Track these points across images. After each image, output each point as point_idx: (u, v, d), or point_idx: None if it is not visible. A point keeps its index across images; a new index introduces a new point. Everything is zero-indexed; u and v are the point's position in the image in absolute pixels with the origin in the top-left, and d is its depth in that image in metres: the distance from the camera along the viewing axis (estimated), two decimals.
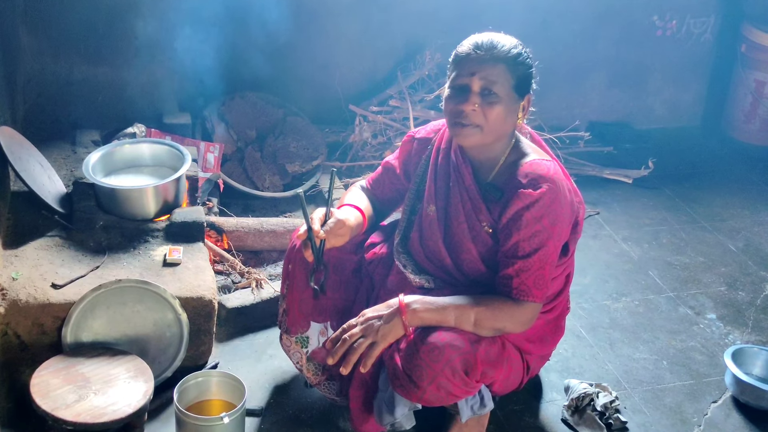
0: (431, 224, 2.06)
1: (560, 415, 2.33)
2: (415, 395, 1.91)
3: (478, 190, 2.00)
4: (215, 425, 1.95)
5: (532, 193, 1.90)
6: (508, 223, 1.93)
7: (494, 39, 1.94)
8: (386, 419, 2.00)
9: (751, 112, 4.00)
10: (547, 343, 2.16)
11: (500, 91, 1.90)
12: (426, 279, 2.06)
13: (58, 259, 2.31)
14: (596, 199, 3.56)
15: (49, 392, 2.00)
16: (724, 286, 3.01)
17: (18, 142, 2.52)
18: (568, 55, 3.97)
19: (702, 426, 2.33)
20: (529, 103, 1.99)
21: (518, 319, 1.94)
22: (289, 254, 2.16)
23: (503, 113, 1.91)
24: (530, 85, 1.98)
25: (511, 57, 1.92)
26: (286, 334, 2.18)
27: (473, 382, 1.93)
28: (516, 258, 1.91)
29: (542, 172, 1.92)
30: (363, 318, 1.89)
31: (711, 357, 2.61)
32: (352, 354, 1.85)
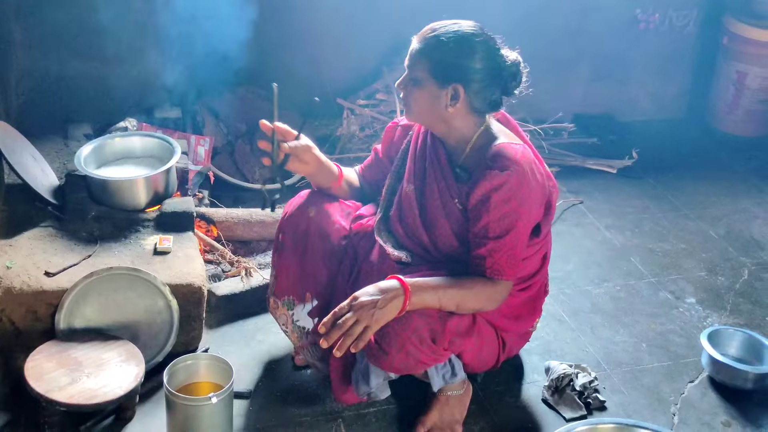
0: (409, 202, 2.13)
1: (541, 395, 2.39)
2: (385, 363, 1.98)
3: (450, 170, 2.07)
4: (204, 405, 2.01)
5: (499, 174, 1.96)
6: (477, 205, 1.99)
7: (433, 25, 2.01)
8: (362, 389, 2.08)
9: (734, 103, 4.07)
10: (522, 322, 2.23)
11: (419, 77, 1.99)
12: (405, 254, 2.13)
13: (51, 249, 2.37)
14: (580, 188, 3.63)
15: (42, 375, 2.07)
16: (704, 271, 3.08)
17: (11, 135, 2.59)
18: (551, 48, 4.02)
19: (678, 404, 2.40)
20: (460, 92, 1.98)
21: (494, 297, 2.02)
22: (280, 225, 2.27)
23: (422, 99, 2.00)
24: (457, 76, 1.97)
25: (429, 44, 1.98)
26: (273, 297, 2.27)
27: (441, 350, 2.00)
28: (487, 239, 1.98)
29: (510, 154, 1.98)
30: (356, 302, 1.90)
31: (689, 339, 2.68)
32: (347, 339, 1.87)
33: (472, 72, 1.98)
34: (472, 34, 1.99)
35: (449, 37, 1.97)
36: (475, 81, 1.99)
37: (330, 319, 1.89)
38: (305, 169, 2.16)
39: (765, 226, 3.40)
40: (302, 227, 2.23)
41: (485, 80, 2.00)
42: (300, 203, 2.27)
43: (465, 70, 1.98)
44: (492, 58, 2.00)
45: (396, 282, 1.93)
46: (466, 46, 1.98)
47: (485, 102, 2.03)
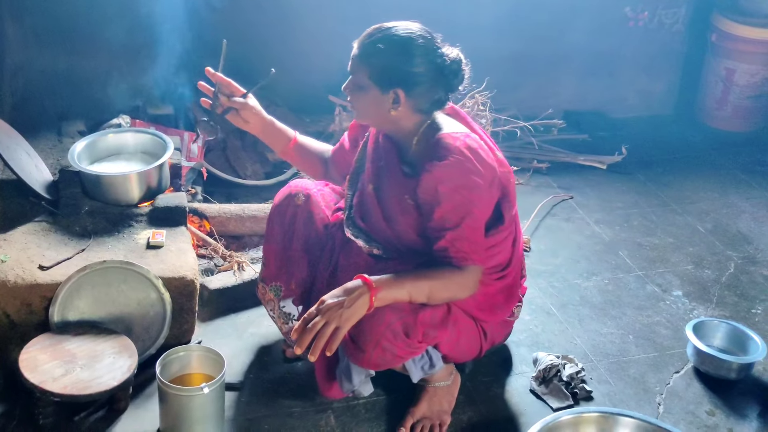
0: (371, 202, 2.17)
1: (528, 386, 2.43)
2: (363, 360, 2.02)
3: (399, 167, 2.11)
4: (195, 396, 2.05)
5: (439, 165, 1.96)
6: (427, 199, 2.01)
7: (371, 30, 2.03)
8: (346, 387, 2.13)
9: (722, 99, 4.12)
10: (500, 310, 2.24)
11: (361, 83, 2.02)
12: (376, 247, 2.17)
13: (45, 243, 2.40)
14: (570, 184, 3.67)
15: (37, 367, 2.10)
16: (691, 264, 3.12)
17: (5, 131, 2.62)
18: (541, 46, 4.07)
19: (664, 394, 2.44)
20: (401, 96, 1.99)
21: (465, 284, 2.03)
22: (270, 213, 2.35)
23: (366, 103, 2.03)
24: (397, 81, 1.98)
25: (367, 51, 1.99)
26: (262, 283, 2.33)
27: (415, 342, 2.03)
28: (445, 230, 1.99)
29: (448, 143, 1.99)
30: (324, 306, 1.91)
31: (675, 331, 2.72)
32: (318, 341, 1.88)
33: (412, 76, 1.99)
34: (410, 38, 1.99)
35: (387, 42, 1.98)
36: (416, 84, 1.99)
37: (300, 324, 1.90)
38: (247, 127, 2.24)
39: (752, 221, 3.45)
40: (289, 214, 2.30)
41: (427, 82, 2.00)
42: (289, 192, 2.33)
43: (405, 75, 1.98)
44: (431, 60, 2.00)
45: (359, 281, 1.94)
46: (405, 50, 1.98)
47: (429, 102, 2.04)
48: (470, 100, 3.51)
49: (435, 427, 2.22)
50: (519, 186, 3.63)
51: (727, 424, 2.33)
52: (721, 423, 2.34)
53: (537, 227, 3.32)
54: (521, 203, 3.42)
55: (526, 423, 2.26)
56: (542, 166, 3.74)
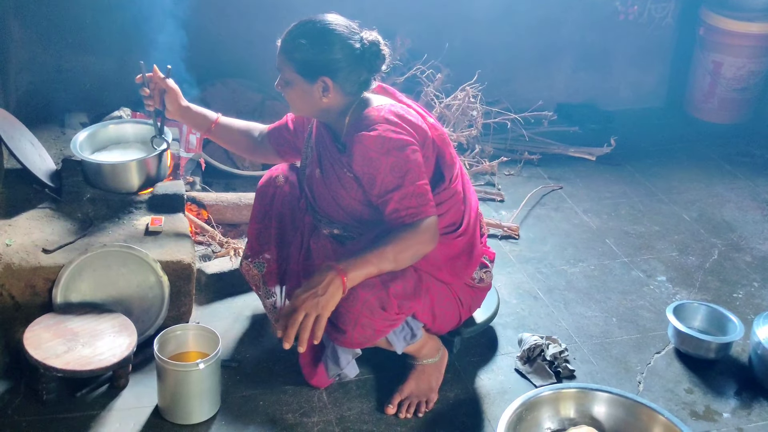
0: (318, 185, 2.27)
1: (513, 365, 2.52)
2: (346, 340, 2.12)
3: (334, 146, 2.22)
4: (192, 371, 2.14)
5: (367, 134, 2.06)
6: (364, 169, 2.08)
7: (291, 27, 2.15)
8: (332, 370, 2.24)
9: (710, 92, 4.20)
10: (465, 269, 2.27)
11: (289, 78, 2.14)
12: (336, 227, 2.26)
13: (48, 228, 2.50)
14: (560, 175, 3.76)
15: (40, 344, 2.20)
16: (675, 251, 3.21)
17: (10, 122, 2.72)
18: (533, 39, 4.16)
19: (644, 373, 2.53)
20: (329, 84, 2.10)
21: (424, 238, 2.05)
22: (256, 193, 2.47)
23: (298, 96, 2.15)
24: (322, 70, 2.10)
25: (289, 46, 2.12)
26: (245, 260, 2.46)
27: (393, 315, 2.11)
28: (389, 193, 2.05)
29: (372, 114, 2.09)
30: (299, 300, 1.96)
31: (658, 314, 2.80)
32: (303, 333, 1.96)
33: (334, 63, 2.10)
34: (326, 28, 2.11)
35: (306, 35, 2.10)
36: (340, 69, 2.10)
37: (282, 321, 1.98)
38: (168, 114, 2.46)
39: (736, 210, 3.53)
40: (269, 194, 2.42)
41: (349, 66, 2.10)
42: (271, 174, 2.46)
43: (327, 63, 2.10)
44: (350, 45, 2.10)
45: (325, 266, 2.01)
46: (323, 40, 2.09)
47: (355, 84, 2.14)
48: (461, 93, 3.60)
49: (422, 404, 2.31)
50: (510, 176, 3.73)
51: (704, 401, 2.42)
52: (698, 400, 2.43)
53: (526, 216, 3.41)
54: (512, 193, 3.56)
55: (510, 400, 2.33)
56: (533, 158, 3.82)
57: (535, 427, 2.18)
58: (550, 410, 2.22)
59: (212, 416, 2.23)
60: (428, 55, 3.74)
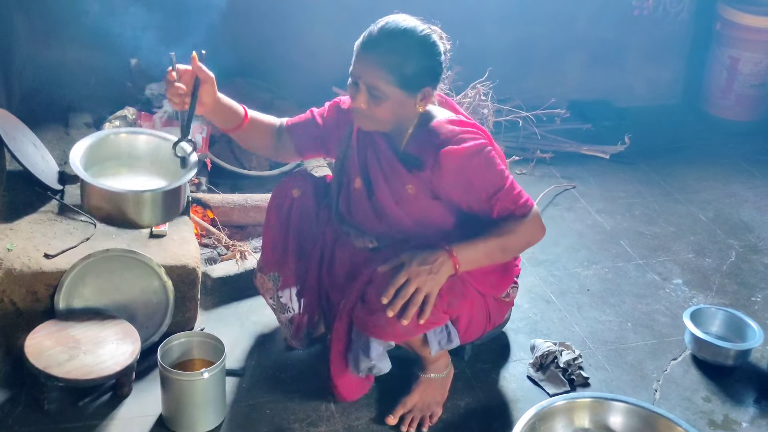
0: (359, 196, 2.19)
1: (526, 372, 2.46)
2: (387, 331, 2.04)
3: (394, 157, 2.11)
4: (196, 380, 2.09)
5: (454, 149, 2.01)
6: (455, 183, 2.03)
7: (382, 34, 1.97)
8: (363, 364, 2.13)
9: (727, 88, 4.11)
10: (498, 282, 2.23)
11: (385, 91, 1.96)
12: (369, 239, 2.20)
13: (51, 232, 2.45)
14: (573, 173, 3.69)
15: (42, 352, 2.15)
16: (692, 253, 3.13)
17: (12, 123, 2.67)
18: (546, 35, 4.08)
19: (661, 381, 2.46)
20: (428, 94, 2.03)
21: (536, 226, 2.10)
22: (269, 204, 2.36)
23: (391, 109, 2.00)
24: (426, 79, 2.00)
25: (391, 60, 1.95)
26: (260, 273, 2.38)
27: (440, 312, 2.07)
28: (495, 194, 2.04)
29: (451, 128, 2.04)
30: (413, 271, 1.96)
31: (674, 319, 2.73)
32: (411, 307, 1.98)
33: (438, 69, 2.03)
34: (427, 36, 2.00)
35: (410, 45, 1.97)
36: (439, 76, 2.04)
37: (391, 290, 1.97)
38: (202, 109, 2.05)
39: (754, 210, 3.45)
40: (286, 206, 2.32)
41: (443, 70, 2.05)
42: (287, 183, 2.36)
43: (432, 71, 2.02)
44: (444, 51, 2.04)
45: (440, 247, 2.01)
46: (429, 49, 2.00)
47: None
48: (472, 90, 3.53)
49: (426, 419, 2.24)
50: (522, 176, 3.66)
51: (722, 410, 2.35)
52: (717, 409, 2.36)
53: None
54: None
55: (522, 409, 2.28)
56: (545, 156, 3.75)
57: None
58: (564, 420, 2.16)
59: (217, 425, 2.18)
60: None
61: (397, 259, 2.04)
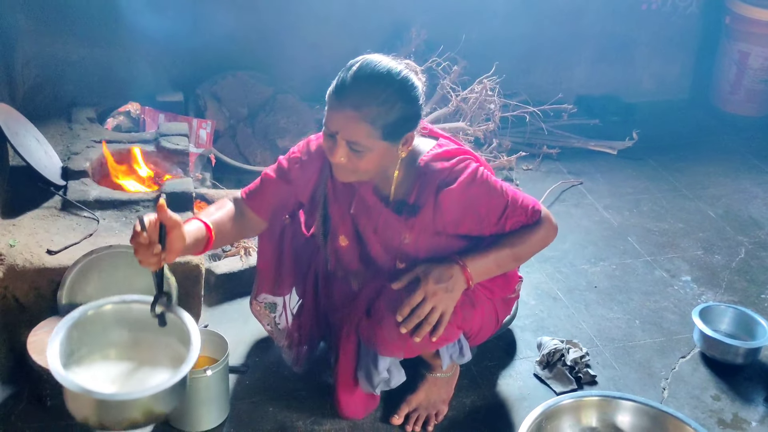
0: (347, 253, 2.12)
1: (532, 370, 2.43)
2: (397, 349, 2.02)
3: (387, 208, 2.01)
4: (199, 378, 2.07)
5: (451, 189, 1.94)
6: (465, 219, 1.98)
7: (358, 83, 1.80)
8: (376, 379, 2.10)
9: (736, 83, 4.07)
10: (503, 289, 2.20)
11: (367, 144, 1.82)
12: (353, 281, 2.17)
13: (54, 228, 2.44)
14: (580, 169, 3.66)
15: (44, 349, 2.13)
16: (701, 250, 3.10)
17: (15, 118, 2.65)
18: (553, 30, 4.05)
19: (669, 379, 2.43)
20: (411, 138, 1.91)
21: (546, 232, 2.06)
22: (260, 233, 2.22)
23: (374, 159, 1.86)
24: (407, 126, 1.87)
25: (371, 112, 1.79)
26: (255, 300, 2.32)
27: (454, 328, 2.05)
28: (503, 214, 2.00)
29: (446, 161, 1.95)
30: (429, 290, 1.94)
31: (683, 316, 2.70)
32: (425, 326, 1.96)
33: (419, 112, 1.90)
34: (405, 77, 1.84)
35: (389, 92, 1.81)
36: (420, 116, 1.91)
37: (406, 309, 1.95)
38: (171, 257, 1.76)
39: (764, 206, 3.41)
40: (278, 231, 2.24)
41: (423, 109, 1.92)
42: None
43: (415, 116, 1.89)
44: (421, 89, 1.90)
45: (453, 261, 1.97)
46: (409, 93, 1.85)
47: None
48: (478, 85, 3.50)
49: (431, 417, 2.22)
50: (528, 172, 3.63)
51: (732, 409, 2.32)
52: (726, 407, 2.33)
53: None
54: (531, 189, 3.45)
55: (529, 407, 2.26)
56: (552, 152, 3.72)
57: None
58: (572, 419, 2.13)
59: (221, 423, 2.17)
60: (444, 47, 3.64)
61: (412, 274, 2.00)
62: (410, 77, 1.86)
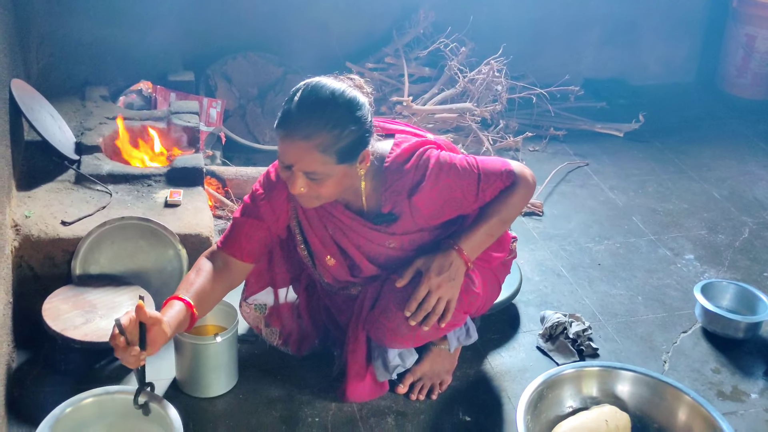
0: (337, 270, 2.14)
1: (535, 343, 2.48)
2: (407, 340, 2.07)
3: (364, 223, 2.03)
4: (209, 344, 2.12)
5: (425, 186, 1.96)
6: (444, 209, 2.02)
7: (303, 113, 1.78)
8: (392, 364, 2.13)
9: (743, 66, 4.08)
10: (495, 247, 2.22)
11: (324, 171, 1.82)
12: (352, 288, 2.19)
13: (67, 200, 2.50)
14: (587, 151, 3.69)
15: (59, 316, 2.20)
16: (704, 230, 3.13)
17: (30, 94, 2.71)
18: (561, 13, 4.07)
19: (670, 353, 2.47)
20: (367, 155, 1.89)
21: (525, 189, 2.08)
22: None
23: (335, 183, 1.87)
24: (361, 145, 1.85)
25: (322, 141, 1.78)
26: (244, 302, 2.31)
27: (461, 313, 2.10)
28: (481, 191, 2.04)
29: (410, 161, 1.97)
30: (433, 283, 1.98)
31: (685, 293, 2.74)
32: (433, 316, 2.01)
33: (369, 128, 1.88)
34: (351, 97, 1.81)
35: (337, 117, 1.79)
36: (371, 132, 1.90)
37: (413, 304, 1.99)
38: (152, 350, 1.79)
39: None
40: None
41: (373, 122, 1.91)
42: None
43: (365, 134, 1.87)
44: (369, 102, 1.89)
45: (448, 247, 2.01)
46: (357, 113, 1.82)
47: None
48: (486, 67, 3.53)
49: (435, 387, 2.26)
50: (535, 152, 3.66)
51: (732, 381, 2.36)
52: (726, 380, 2.36)
53: (551, 193, 3.34)
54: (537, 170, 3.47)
55: (531, 378, 2.28)
56: (559, 134, 3.75)
57: (557, 406, 2.13)
58: (572, 389, 2.17)
59: (230, 389, 2.22)
60: (452, 29, 3.68)
61: (413, 269, 2.03)
62: (355, 96, 1.83)
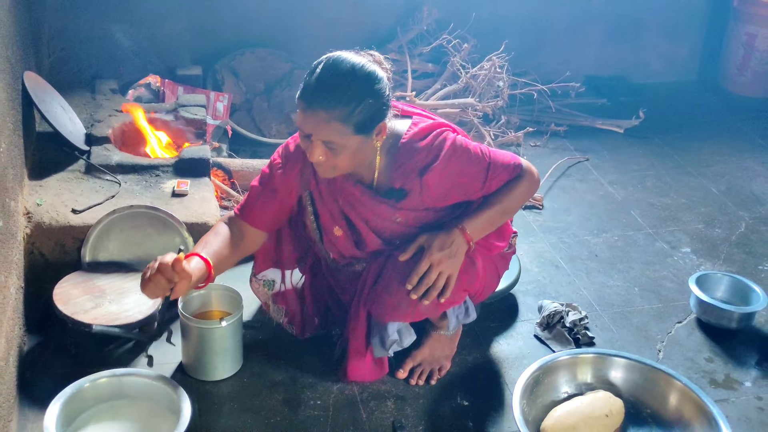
0: (343, 242, 2.20)
1: (533, 331, 2.53)
2: (407, 314, 2.13)
3: (374, 198, 2.10)
4: (214, 329, 2.19)
5: (436, 166, 2.03)
6: (450, 192, 2.09)
7: (324, 85, 1.85)
8: (388, 341, 2.18)
9: (743, 65, 4.13)
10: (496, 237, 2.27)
11: (342, 142, 1.90)
12: (356, 265, 2.24)
13: (78, 190, 2.57)
14: (587, 147, 3.74)
15: (69, 300, 2.27)
16: (702, 224, 3.18)
17: (42, 86, 2.78)
18: (563, 10, 4.12)
19: (665, 342, 2.52)
20: (383, 128, 1.97)
21: (530, 183, 2.17)
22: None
23: (351, 154, 1.94)
24: (378, 118, 1.93)
25: (340, 112, 1.85)
26: (254, 278, 2.38)
27: (460, 291, 2.16)
28: (488, 180, 2.11)
29: (424, 140, 2.04)
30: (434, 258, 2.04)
31: (681, 285, 2.78)
32: (433, 291, 2.07)
33: (388, 101, 1.95)
34: (370, 71, 1.88)
35: (355, 89, 1.86)
36: (389, 105, 1.97)
37: (414, 278, 2.06)
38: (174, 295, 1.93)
39: (766, 183, 3.48)
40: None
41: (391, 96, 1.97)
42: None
43: (384, 106, 1.94)
44: (388, 78, 1.95)
45: (452, 225, 2.08)
46: (375, 86, 1.89)
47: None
48: (488, 63, 3.58)
49: (434, 372, 2.31)
50: (536, 148, 3.71)
51: (724, 370, 2.41)
52: (719, 369, 2.42)
53: (551, 187, 3.40)
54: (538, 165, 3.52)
55: (527, 364, 2.33)
56: (560, 129, 3.80)
57: (552, 391, 2.19)
58: (568, 374, 2.23)
59: (234, 373, 2.28)
60: (455, 25, 3.74)
61: (416, 245, 2.10)
62: (374, 70, 1.90)
